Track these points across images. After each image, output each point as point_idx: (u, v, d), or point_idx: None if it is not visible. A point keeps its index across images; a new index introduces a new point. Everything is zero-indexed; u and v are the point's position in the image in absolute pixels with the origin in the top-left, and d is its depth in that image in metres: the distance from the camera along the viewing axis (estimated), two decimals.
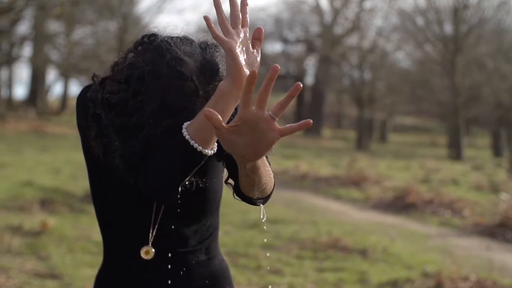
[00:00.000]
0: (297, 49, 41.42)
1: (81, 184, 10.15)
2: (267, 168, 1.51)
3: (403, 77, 32.49)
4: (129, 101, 1.50)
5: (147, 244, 1.68)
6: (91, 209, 8.25)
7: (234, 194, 1.64)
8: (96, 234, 6.94)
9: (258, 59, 1.53)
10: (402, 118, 41.47)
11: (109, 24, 30.29)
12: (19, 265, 5.68)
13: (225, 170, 1.69)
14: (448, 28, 26.74)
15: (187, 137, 1.43)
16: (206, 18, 1.46)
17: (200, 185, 1.63)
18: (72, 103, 36.59)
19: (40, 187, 10.02)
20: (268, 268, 5.99)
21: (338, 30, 34.04)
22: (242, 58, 1.46)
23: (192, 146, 1.43)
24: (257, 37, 1.53)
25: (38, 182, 10.59)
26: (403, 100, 33.02)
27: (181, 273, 1.72)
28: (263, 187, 1.51)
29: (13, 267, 5.60)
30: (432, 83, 29.31)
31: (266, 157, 1.57)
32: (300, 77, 37.85)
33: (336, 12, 33.49)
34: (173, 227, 1.68)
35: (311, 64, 40.03)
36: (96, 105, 1.54)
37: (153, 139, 1.49)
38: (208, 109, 1.23)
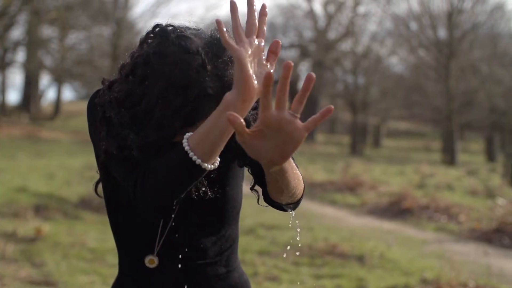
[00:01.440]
0: (291, 54, 41.43)
1: (76, 190, 10.08)
2: (295, 171, 1.46)
3: (397, 82, 32.60)
4: (136, 89, 1.44)
5: (154, 253, 1.62)
6: (85, 215, 8.23)
7: (259, 201, 1.60)
8: (90, 240, 6.88)
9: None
10: (396, 123, 41.54)
11: (103, 29, 30.29)
12: (13, 272, 5.61)
13: (248, 177, 1.64)
14: (442, 33, 26.83)
15: (187, 148, 1.36)
16: (218, 22, 1.38)
17: (212, 195, 1.57)
18: (65, 108, 36.77)
19: (34, 193, 9.93)
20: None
21: (332, 35, 34.15)
22: (251, 69, 1.36)
23: (191, 158, 1.36)
24: (273, 50, 1.42)
25: (32, 188, 10.51)
26: (397, 105, 33.12)
27: (199, 286, 1.66)
28: (292, 191, 1.46)
29: (7, 274, 5.54)
30: (426, 88, 29.35)
31: (294, 160, 1.52)
32: (293, 82, 37.85)
33: (330, 17, 33.58)
34: (189, 237, 1.62)
35: (304, 69, 40.07)
36: (105, 108, 1.49)
37: (166, 121, 1.42)
38: (231, 112, 1.18)
